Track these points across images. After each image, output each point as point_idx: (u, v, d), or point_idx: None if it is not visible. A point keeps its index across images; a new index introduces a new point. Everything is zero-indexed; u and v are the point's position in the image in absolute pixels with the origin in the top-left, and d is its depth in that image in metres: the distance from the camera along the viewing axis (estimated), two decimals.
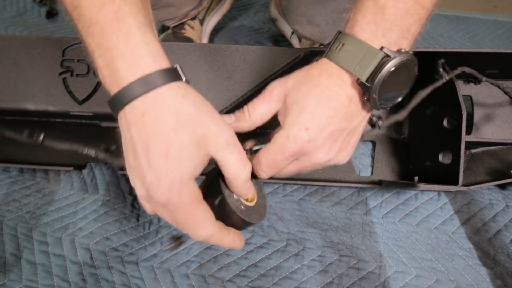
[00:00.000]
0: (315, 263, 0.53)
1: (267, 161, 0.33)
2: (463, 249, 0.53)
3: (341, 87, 0.32)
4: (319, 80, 0.32)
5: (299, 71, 0.34)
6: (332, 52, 0.33)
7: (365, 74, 0.31)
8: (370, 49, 0.31)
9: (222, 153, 0.30)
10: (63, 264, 0.53)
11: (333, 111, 0.32)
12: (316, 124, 0.32)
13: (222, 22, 0.87)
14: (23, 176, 0.63)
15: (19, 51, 0.59)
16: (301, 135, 0.32)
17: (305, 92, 0.32)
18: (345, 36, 0.32)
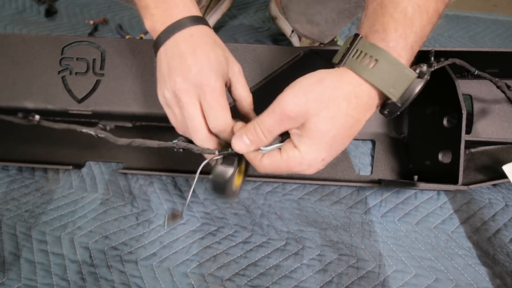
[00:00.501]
0: (314, 262, 0.53)
1: (269, 170, 0.35)
2: (462, 248, 0.53)
3: (365, 114, 0.33)
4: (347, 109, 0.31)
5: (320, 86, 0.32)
6: (364, 68, 0.31)
7: (397, 95, 0.31)
8: (404, 70, 0.31)
9: (237, 77, 0.39)
10: (62, 263, 0.53)
11: (349, 137, 0.34)
12: (332, 153, 0.34)
13: (222, 20, 0.87)
14: (22, 174, 0.63)
15: (18, 49, 0.59)
16: (317, 164, 0.34)
17: (329, 121, 0.31)
18: (379, 51, 0.31)
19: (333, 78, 0.32)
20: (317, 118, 0.31)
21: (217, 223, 0.57)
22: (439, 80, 0.54)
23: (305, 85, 0.32)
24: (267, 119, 0.33)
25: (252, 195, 0.60)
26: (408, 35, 0.31)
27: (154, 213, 0.58)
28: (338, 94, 0.31)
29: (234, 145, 0.35)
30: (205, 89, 0.35)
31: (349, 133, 0.33)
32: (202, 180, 0.61)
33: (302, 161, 0.33)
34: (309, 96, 0.31)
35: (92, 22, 0.89)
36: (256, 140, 0.34)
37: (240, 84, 0.39)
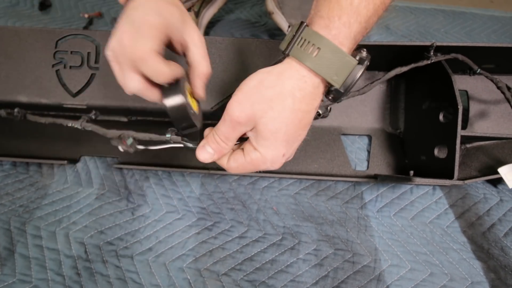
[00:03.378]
0: (310, 257, 0.53)
1: (237, 172, 0.37)
2: (457, 243, 0.54)
3: (312, 104, 0.33)
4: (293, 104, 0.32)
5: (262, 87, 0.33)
6: (303, 54, 0.32)
7: (340, 82, 0.32)
8: (346, 57, 0.32)
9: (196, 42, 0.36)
10: (57, 258, 0.53)
11: (304, 129, 0.35)
12: (290, 147, 0.35)
13: (218, 15, 0.86)
14: (16, 169, 0.62)
15: (11, 43, 0.58)
16: (279, 160, 0.35)
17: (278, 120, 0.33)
18: (321, 39, 0.31)
19: (272, 78, 0.33)
20: (265, 119, 0.32)
21: (213, 218, 0.57)
22: (435, 75, 0.54)
23: (246, 90, 0.33)
24: (222, 127, 0.35)
25: (249, 190, 0.60)
26: (352, 24, 0.31)
27: (150, 208, 0.58)
28: (280, 92, 0.32)
29: (199, 155, 0.36)
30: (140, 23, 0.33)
31: (301, 125, 0.34)
32: (198, 175, 0.61)
33: (265, 160, 0.34)
34: (252, 100, 0.33)
35: (87, 15, 0.88)
36: (218, 148, 0.36)
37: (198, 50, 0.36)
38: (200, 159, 0.36)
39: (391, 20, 0.88)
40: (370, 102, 0.64)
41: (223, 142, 0.35)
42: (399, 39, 0.83)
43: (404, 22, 0.88)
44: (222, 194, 0.59)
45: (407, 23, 0.88)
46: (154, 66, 0.33)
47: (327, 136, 0.63)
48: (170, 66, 0.34)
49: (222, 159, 0.37)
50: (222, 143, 0.35)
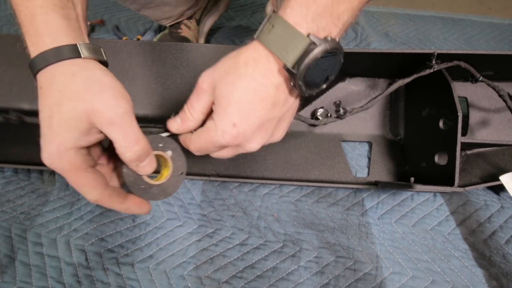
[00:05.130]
0: (311, 264, 0.53)
1: (197, 146, 0.36)
2: (459, 250, 0.54)
3: (267, 77, 0.32)
4: (245, 71, 0.32)
5: (228, 58, 0.34)
6: (263, 34, 0.32)
7: (291, 60, 0.31)
8: (297, 34, 0.31)
9: (107, 130, 0.31)
10: (57, 265, 0.53)
11: (260, 103, 0.33)
12: (244, 119, 0.33)
13: (219, 22, 0.87)
14: (18, 176, 0.62)
15: (14, 50, 0.58)
16: (229, 130, 0.33)
17: (231, 85, 0.32)
18: (276, 18, 0.31)
19: (236, 51, 0.34)
20: (220, 84, 0.33)
21: (214, 225, 0.57)
22: (435, 83, 0.55)
23: (219, 61, 0.34)
24: (191, 96, 0.35)
25: (249, 197, 0.60)
26: (310, 5, 0.30)
27: (150, 215, 0.58)
28: (236, 60, 0.33)
29: (169, 126, 0.36)
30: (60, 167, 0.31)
31: (257, 96, 0.33)
32: (199, 182, 0.61)
33: (216, 129, 0.34)
34: (216, 68, 0.34)
35: (89, 23, 0.89)
36: (183, 116, 0.36)
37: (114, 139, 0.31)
38: (170, 129, 0.37)
39: (390, 27, 0.89)
40: (370, 109, 0.64)
41: (188, 110, 0.35)
42: (399, 46, 0.84)
43: (403, 29, 0.89)
44: (223, 201, 0.59)
45: (406, 30, 0.89)
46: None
47: (328, 142, 0.63)
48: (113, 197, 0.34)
49: (185, 137, 0.37)
50: (187, 112, 0.36)
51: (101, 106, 0.30)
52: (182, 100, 0.60)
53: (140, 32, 0.88)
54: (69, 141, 0.30)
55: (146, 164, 0.34)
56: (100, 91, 0.31)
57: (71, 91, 0.30)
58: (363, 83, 0.65)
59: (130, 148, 0.32)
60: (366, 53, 0.55)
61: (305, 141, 0.63)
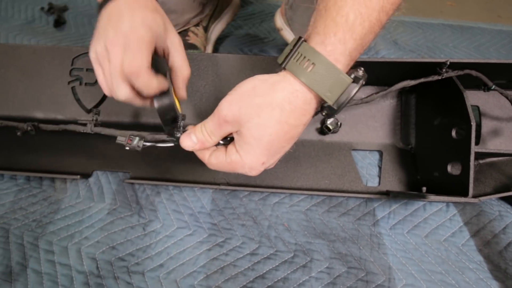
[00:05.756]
0: (323, 275, 0.52)
1: (215, 166, 0.38)
2: (473, 262, 0.53)
3: (301, 120, 0.34)
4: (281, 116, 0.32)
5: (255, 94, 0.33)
6: (299, 69, 0.32)
7: (333, 99, 0.32)
8: (341, 74, 0.32)
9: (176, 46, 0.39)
10: (69, 273, 0.53)
11: (288, 142, 0.35)
12: (271, 157, 0.35)
13: (227, 30, 0.88)
14: (30, 184, 0.63)
15: (28, 60, 0.60)
16: (257, 167, 0.36)
17: (263, 128, 0.33)
18: (317, 55, 0.32)
19: (265, 86, 0.33)
20: (250, 125, 0.33)
21: (224, 234, 0.57)
22: (446, 91, 0.54)
23: (239, 92, 0.34)
24: (210, 122, 0.36)
25: (259, 206, 0.59)
26: (348, 40, 0.31)
27: (161, 223, 0.58)
28: (270, 101, 0.33)
29: (182, 141, 0.38)
30: (130, 37, 0.35)
31: (286, 138, 0.34)
32: (209, 190, 0.61)
33: (243, 165, 0.35)
34: (242, 103, 0.33)
35: None
36: (201, 139, 0.37)
37: (178, 54, 0.39)
38: (183, 145, 0.38)
39: (399, 35, 0.89)
40: (380, 117, 0.64)
41: (208, 135, 0.36)
42: (407, 54, 0.84)
43: (412, 37, 0.88)
44: (233, 210, 0.59)
45: (415, 38, 0.88)
46: (145, 81, 0.35)
47: (338, 151, 0.63)
48: (159, 80, 0.36)
49: (204, 153, 0.38)
50: (206, 136, 0.37)
51: (172, 29, 0.39)
52: (192, 109, 0.60)
53: None
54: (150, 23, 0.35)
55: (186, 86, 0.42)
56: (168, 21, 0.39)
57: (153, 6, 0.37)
58: (372, 91, 0.64)
59: (188, 66, 0.40)
60: (377, 62, 0.55)
61: (315, 150, 0.63)
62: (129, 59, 0.34)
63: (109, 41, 0.35)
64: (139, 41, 0.35)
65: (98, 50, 0.36)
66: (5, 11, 0.96)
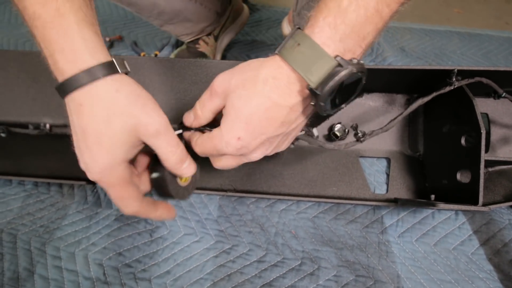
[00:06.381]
0: (330, 283, 0.52)
1: (201, 149, 0.37)
2: (483, 271, 0.52)
3: (284, 97, 0.32)
4: (263, 88, 0.32)
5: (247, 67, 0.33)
6: (286, 50, 0.31)
7: (315, 81, 0.31)
8: (324, 55, 0.30)
9: (153, 141, 0.33)
10: (76, 279, 0.53)
11: (269, 121, 0.33)
12: (249, 134, 0.33)
13: (234, 38, 0.88)
14: (38, 189, 0.63)
15: (38, 67, 0.60)
16: (233, 142, 0.34)
17: (244, 99, 0.33)
18: (302, 35, 0.31)
19: (258, 62, 0.34)
20: (234, 95, 0.33)
21: (231, 241, 0.56)
22: (455, 99, 0.54)
23: (238, 67, 0.34)
24: (203, 95, 0.36)
25: (266, 212, 0.59)
26: (339, 25, 0.30)
27: (168, 230, 0.58)
28: (256, 74, 0.32)
29: (184, 118, 0.38)
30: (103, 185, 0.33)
31: (267, 116, 0.33)
32: (216, 197, 0.61)
33: (221, 138, 0.34)
34: (234, 75, 0.34)
35: (108, 39, 0.91)
36: (195, 112, 0.37)
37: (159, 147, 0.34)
38: (184, 120, 0.38)
39: (406, 42, 0.89)
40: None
41: (199, 108, 0.37)
42: (415, 61, 0.84)
43: (419, 44, 0.88)
44: (240, 217, 0.59)
45: (423, 45, 0.88)
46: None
47: (345, 158, 0.63)
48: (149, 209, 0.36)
49: (191, 136, 0.38)
50: (198, 110, 0.37)
51: (146, 119, 0.32)
52: None
53: (157, 48, 0.89)
54: (121, 156, 0.32)
55: (188, 165, 0.36)
56: (143, 105, 0.32)
57: (118, 107, 0.31)
58: (380, 98, 0.64)
59: (174, 152, 0.34)
60: (385, 70, 0.55)
61: (322, 157, 0.63)
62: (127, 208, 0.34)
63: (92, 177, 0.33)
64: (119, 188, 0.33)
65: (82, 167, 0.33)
66: (14, 19, 0.97)
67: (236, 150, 0.34)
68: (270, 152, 0.37)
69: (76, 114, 0.31)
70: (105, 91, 0.31)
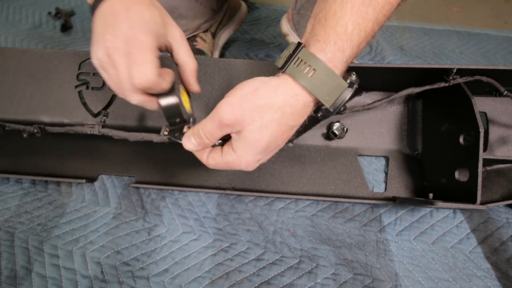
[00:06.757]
0: (329, 282, 0.52)
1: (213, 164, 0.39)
2: (481, 270, 0.52)
3: (298, 120, 0.36)
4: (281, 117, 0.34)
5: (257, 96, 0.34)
6: (303, 77, 0.34)
7: (331, 103, 0.35)
8: (338, 79, 0.34)
9: (179, 41, 0.37)
10: (73, 278, 0.53)
11: (283, 140, 0.37)
12: (267, 155, 0.37)
13: (233, 36, 0.88)
14: (35, 188, 0.63)
15: (36, 64, 0.60)
16: (254, 164, 0.37)
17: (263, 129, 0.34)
18: (317, 61, 0.33)
19: (267, 89, 0.34)
20: (252, 127, 0.34)
21: (230, 239, 0.56)
22: (454, 98, 0.54)
23: (241, 94, 0.35)
24: (208, 125, 0.36)
25: (265, 211, 0.59)
26: (346, 49, 0.33)
27: (166, 228, 0.57)
28: (272, 104, 0.34)
29: (185, 145, 0.39)
30: (132, 44, 0.34)
31: (283, 137, 0.36)
32: (214, 195, 0.61)
33: (239, 163, 0.37)
34: (244, 106, 0.34)
35: None
36: (201, 142, 0.38)
37: (182, 49, 0.38)
38: (186, 147, 0.39)
39: (405, 41, 0.89)
40: (387, 123, 0.64)
41: (206, 138, 0.37)
42: (414, 60, 0.84)
43: (418, 43, 0.88)
44: (238, 215, 0.59)
45: (421, 44, 0.88)
46: (157, 89, 0.36)
47: (344, 157, 0.63)
48: (165, 78, 0.36)
49: (202, 154, 0.39)
50: (205, 139, 0.37)
51: (173, 23, 0.37)
52: (199, 114, 0.60)
53: None
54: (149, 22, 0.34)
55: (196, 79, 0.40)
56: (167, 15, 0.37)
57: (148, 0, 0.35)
58: (379, 97, 0.64)
59: (193, 59, 0.38)
60: (383, 68, 0.55)
61: (321, 155, 0.63)
62: (138, 73, 0.34)
63: (110, 47, 0.34)
64: (143, 50, 0.34)
65: (100, 56, 0.35)
66: (12, 16, 0.97)
67: (254, 168, 0.38)
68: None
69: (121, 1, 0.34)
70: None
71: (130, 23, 0.33)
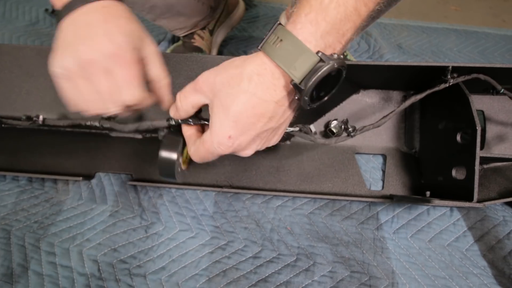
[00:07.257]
0: (325, 279, 0.52)
1: (198, 156, 0.39)
2: (477, 267, 0.52)
3: (269, 93, 0.33)
4: (248, 86, 0.33)
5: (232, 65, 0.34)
6: (270, 47, 0.32)
7: (298, 76, 0.32)
8: (307, 51, 0.31)
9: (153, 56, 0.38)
10: (70, 275, 0.53)
11: (258, 117, 0.34)
12: (239, 132, 0.34)
13: (231, 33, 0.88)
14: (32, 185, 0.63)
15: (32, 61, 0.60)
16: (225, 142, 0.35)
17: (231, 98, 0.33)
18: (285, 32, 0.32)
19: (241, 59, 0.34)
20: (220, 93, 0.34)
21: (227, 237, 0.56)
22: (451, 96, 0.54)
23: (222, 65, 0.35)
24: (186, 88, 0.37)
25: (262, 209, 0.59)
26: (320, 22, 0.31)
27: (163, 226, 0.57)
28: (241, 72, 0.33)
29: (170, 111, 0.40)
30: (117, 61, 0.33)
31: (255, 112, 0.33)
32: (212, 193, 0.61)
33: (212, 140, 0.35)
34: (219, 73, 0.34)
35: None
36: (176, 105, 0.38)
37: (156, 64, 0.38)
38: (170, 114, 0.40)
39: (403, 39, 0.89)
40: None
41: (179, 100, 0.38)
42: (412, 58, 0.84)
43: (416, 41, 0.88)
44: (235, 213, 0.59)
45: (419, 42, 0.88)
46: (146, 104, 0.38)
47: (341, 155, 0.63)
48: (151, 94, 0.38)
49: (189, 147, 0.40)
50: (178, 102, 0.38)
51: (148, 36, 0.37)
52: None
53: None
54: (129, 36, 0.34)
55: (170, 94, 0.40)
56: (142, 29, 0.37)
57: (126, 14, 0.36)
58: (377, 95, 0.64)
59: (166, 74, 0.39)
60: (381, 66, 0.54)
61: (318, 153, 0.63)
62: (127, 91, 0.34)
63: (85, 59, 0.33)
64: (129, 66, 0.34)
65: (68, 66, 0.33)
66: (9, 12, 0.96)
67: (228, 148, 0.35)
68: (261, 147, 0.38)
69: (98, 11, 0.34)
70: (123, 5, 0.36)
71: (110, 37, 0.33)
